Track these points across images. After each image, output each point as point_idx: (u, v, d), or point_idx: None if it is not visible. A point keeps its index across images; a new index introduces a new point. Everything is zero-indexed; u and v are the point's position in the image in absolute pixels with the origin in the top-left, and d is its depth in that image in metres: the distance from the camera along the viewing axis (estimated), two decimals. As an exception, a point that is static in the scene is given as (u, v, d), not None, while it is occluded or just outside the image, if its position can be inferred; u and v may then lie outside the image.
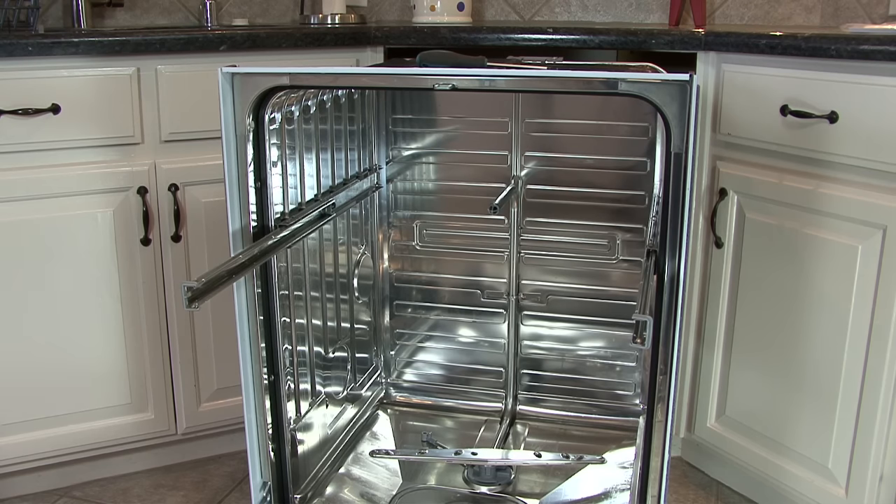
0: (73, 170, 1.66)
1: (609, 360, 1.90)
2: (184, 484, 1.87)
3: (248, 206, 1.34)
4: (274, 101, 1.33)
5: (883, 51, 1.37)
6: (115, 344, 1.75)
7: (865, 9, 2.03)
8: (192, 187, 1.74)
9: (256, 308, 1.39)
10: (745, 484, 1.80)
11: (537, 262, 1.88)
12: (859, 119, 1.43)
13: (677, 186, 1.21)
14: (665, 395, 1.29)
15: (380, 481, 1.71)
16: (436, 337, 1.99)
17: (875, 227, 1.43)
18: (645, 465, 1.35)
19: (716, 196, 1.69)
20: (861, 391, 1.49)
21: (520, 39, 1.77)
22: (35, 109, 1.58)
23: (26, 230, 1.64)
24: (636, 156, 1.76)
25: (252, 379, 1.42)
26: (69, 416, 1.76)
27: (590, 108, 1.77)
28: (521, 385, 1.95)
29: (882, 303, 1.43)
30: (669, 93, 1.17)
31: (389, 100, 1.86)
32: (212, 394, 1.87)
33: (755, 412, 1.69)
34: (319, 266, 1.64)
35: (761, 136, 1.59)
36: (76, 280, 1.69)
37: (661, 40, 1.69)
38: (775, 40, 1.52)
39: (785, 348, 1.61)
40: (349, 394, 1.83)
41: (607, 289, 1.85)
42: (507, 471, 1.70)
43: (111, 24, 2.22)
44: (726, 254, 1.69)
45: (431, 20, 2.16)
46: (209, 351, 1.84)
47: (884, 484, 1.49)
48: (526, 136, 1.82)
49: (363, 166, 1.81)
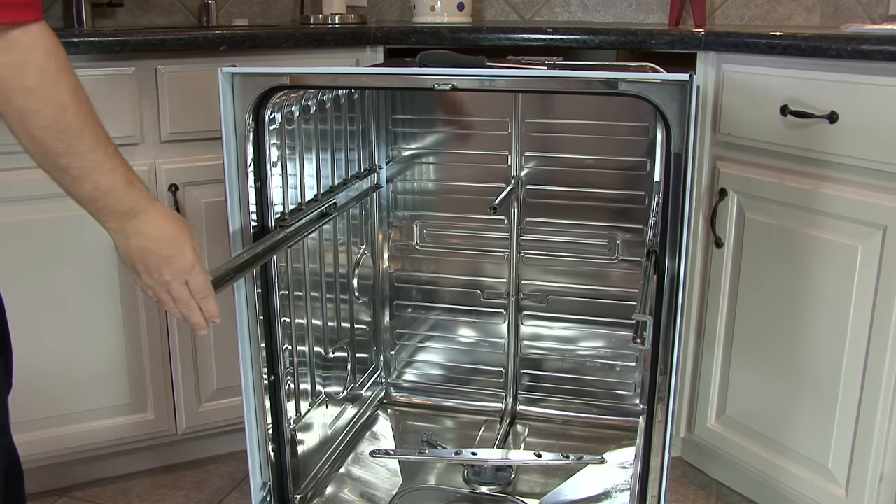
0: (73, 170, 1.65)
1: (609, 360, 1.90)
2: (184, 484, 1.87)
3: (248, 206, 1.34)
4: (274, 101, 1.33)
5: (883, 51, 1.37)
6: (115, 344, 1.75)
7: (865, 9, 2.03)
8: (192, 187, 1.74)
9: (256, 308, 1.39)
10: (745, 484, 1.80)
11: (537, 262, 1.88)
12: (859, 119, 1.43)
13: (677, 186, 1.21)
14: (665, 395, 1.29)
15: (380, 481, 1.71)
16: (436, 337, 1.99)
17: (875, 227, 1.43)
18: (645, 465, 1.35)
19: (716, 196, 1.69)
20: (861, 391, 1.49)
21: (520, 39, 1.77)
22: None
23: (26, 231, 1.64)
24: (636, 156, 1.76)
25: (252, 379, 1.42)
26: (69, 416, 1.76)
27: (590, 108, 1.77)
28: (521, 385, 1.95)
29: (882, 303, 1.43)
30: (669, 93, 1.17)
31: (389, 100, 1.86)
32: (212, 394, 1.87)
33: (755, 412, 1.69)
34: (319, 266, 1.64)
35: (761, 136, 1.59)
36: (76, 280, 1.69)
37: (661, 40, 1.69)
38: (775, 40, 1.52)
39: (785, 348, 1.61)
40: (349, 394, 1.83)
41: (607, 289, 1.85)
42: (507, 471, 1.70)
43: (111, 24, 2.22)
44: (726, 254, 1.69)
45: (431, 20, 2.16)
46: (209, 351, 1.84)
47: (884, 484, 1.49)
48: (526, 136, 1.82)
49: (363, 166, 1.81)
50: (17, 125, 0.95)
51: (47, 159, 0.99)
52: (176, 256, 1.08)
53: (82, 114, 0.96)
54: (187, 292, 1.10)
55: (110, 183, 1.01)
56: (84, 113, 0.97)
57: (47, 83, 0.93)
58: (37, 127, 0.95)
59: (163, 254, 1.07)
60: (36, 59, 0.91)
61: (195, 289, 1.11)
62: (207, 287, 1.12)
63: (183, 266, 1.09)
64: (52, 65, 0.93)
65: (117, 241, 1.08)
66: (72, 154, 0.97)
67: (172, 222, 1.09)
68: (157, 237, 1.07)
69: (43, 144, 0.96)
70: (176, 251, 1.08)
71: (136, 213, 1.05)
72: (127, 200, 1.03)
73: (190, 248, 1.10)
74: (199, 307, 1.12)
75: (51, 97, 0.93)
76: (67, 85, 0.95)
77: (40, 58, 0.92)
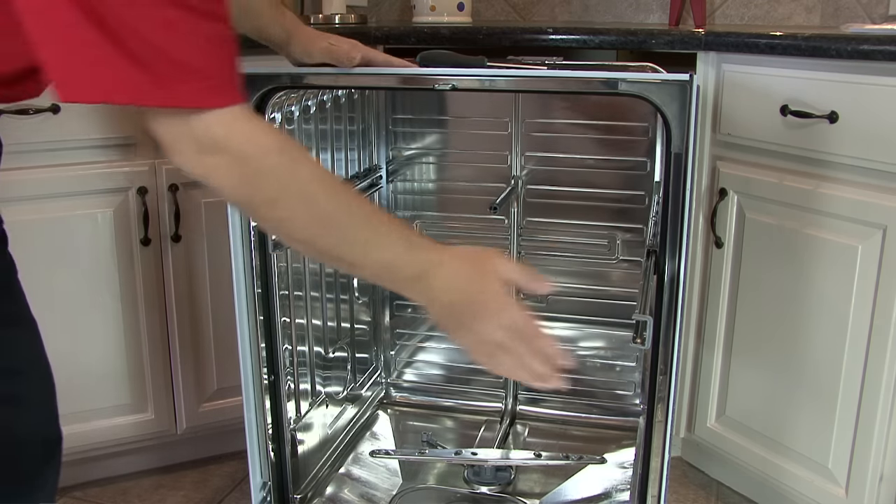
0: (73, 170, 1.66)
1: (609, 360, 1.90)
2: (184, 484, 1.87)
3: (249, 206, 1.34)
4: (274, 100, 1.33)
5: (883, 51, 1.37)
6: (115, 344, 1.75)
7: (865, 9, 2.03)
8: (193, 187, 1.74)
9: (256, 308, 1.39)
10: (745, 484, 1.80)
11: (537, 262, 1.88)
12: (859, 119, 1.43)
13: (677, 186, 1.20)
14: (665, 395, 1.29)
15: (380, 481, 1.70)
16: (436, 337, 1.99)
17: (875, 227, 1.43)
18: (645, 466, 1.35)
19: (716, 196, 1.69)
20: (861, 391, 1.49)
21: (520, 39, 1.77)
22: (35, 109, 1.58)
23: (26, 231, 1.63)
24: (636, 156, 1.76)
25: (252, 379, 1.42)
26: (69, 416, 1.74)
27: (590, 108, 1.77)
28: (521, 385, 1.95)
29: (882, 303, 1.43)
30: (670, 93, 1.16)
31: (389, 100, 1.86)
32: (212, 394, 1.87)
33: (755, 412, 1.69)
34: (319, 266, 1.64)
35: (761, 136, 1.59)
36: (76, 280, 1.69)
37: (661, 40, 1.69)
38: (775, 40, 1.52)
39: (785, 348, 1.61)
40: (349, 394, 1.83)
41: (607, 289, 1.85)
42: (507, 471, 1.70)
43: (111, 24, 2.22)
44: (726, 254, 1.69)
45: (431, 20, 2.16)
46: (209, 351, 1.84)
47: (884, 484, 1.49)
48: (526, 136, 1.82)
49: (363, 166, 1.81)
50: (278, 234, 0.88)
51: (321, 256, 0.93)
52: (484, 308, 0.91)
53: (333, 195, 0.86)
54: (519, 341, 0.92)
55: (389, 257, 0.89)
56: (335, 192, 0.87)
57: (285, 183, 0.83)
58: (297, 232, 0.86)
59: (467, 310, 0.91)
60: (265, 161, 0.81)
61: (528, 335, 0.92)
62: (529, 323, 0.92)
63: (494, 308, 0.91)
64: (283, 160, 0.83)
65: (427, 309, 0.93)
66: (341, 246, 0.87)
67: (469, 264, 0.92)
68: (456, 287, 0.91)
69: (310, 246, 0.88)
70: (480, 301, 0.91)
71: (427, 273, 0.90)
72: (413, 266, 0.90)
73: (496, 282, 0.91)
74: (533, 353, 0.93)
75: (299, 197, 0.83)
76: (306, 173, 0.85)
77: (271, 158, 0.82)
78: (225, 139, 0.79)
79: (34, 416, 1.03)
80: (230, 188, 0.82)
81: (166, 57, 0.75)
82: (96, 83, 0.75)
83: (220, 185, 0.81)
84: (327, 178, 0.89)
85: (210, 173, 0.81)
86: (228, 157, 0.79)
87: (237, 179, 0.81)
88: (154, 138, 0.80)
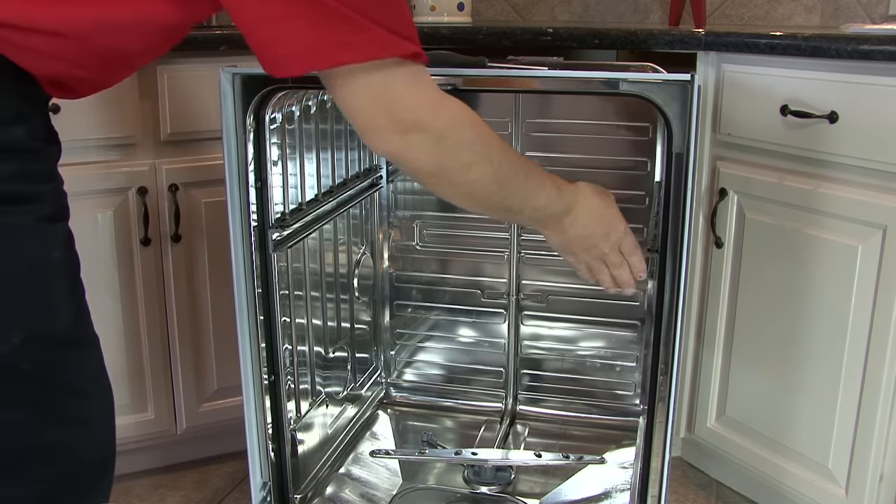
0: (73, 170, 1.65)
1: (609, 360, 1.90)
2: (184, 484, 1.87)
3: (249, 205, 1.34)
4: (274, 100, 1.33)
5: (883, 51, 1.37)
6: (115, 344, 1.75)
7: (865, 9, 2.03)
8: (192, 187, 1.74)
9: (256, 308, 1.39)
10: (745, 484, 1.80)
11: (537, 262, 1.88)
12: (859, 119, 1.43)
13: (678, 186, 1.21)
14: (665, 396, 1.29)
15: (380, 481, 1.71)
16: (436, 337, 1.99)
17: (875, 227, 1.43)
18: (645, 466, 1.35)
19: (716, 196, 1.69)
20: (861, 391, 1.49)
21: (520, 39, 1.77)
22: (35, 109, 1.58)
23: (26, 230, 1.63)
24: (636, 156, 1.76)
25: (252, 379, 1.42)
26: (69, 416, 1.75)
27: (590, 108, 1.77)
28: (521, 385, 1.95)
29: (882, 303, 1.43)
30: (671, 93, 1.17)
31: (389, 100, 1.85)
32: (212, 394, 1.87)
33: (755, 412, 1.69)
34: (319, 266, 1.64)
35: (761, 136, 1.59)
36: (76, 280, 1.69)
37: (661, 40, 1.69)
38: (775, 40, 1.52)
39: (785, 348, 1.61)
40: (349, 394, 1.83)
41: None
42: (507, 471, 1.70)
43: (111, 23, 2.22)
44: (726, 254, 1.69)
45: (431, 20, 2.16)
46: (209, 351, 1.84)
47: (884, 484, 1.49)
48: (526, 136, 1.82)
49: (363, 166, 1.81)
50: (458, 197, 1.00)
51: (488, 209, 1.05)
52: (610, 231, 1.16)
53: (508, 158, 1.00)
54: (620, 256, 1.19)
55: (544, 200, 1.07)
56: (510, 156, 1.01)
57: (479, 151, 0.96)
58: (480, 190, 1.00)
59: (600, 232, 1.15)
60: (464, 134, 0.94)
61: (627, 250, 1.19)
62: (636, 245, 1.20)
63: (617, 236, 1.17)
64: (479, 132, 0.96)
65: (552, 237, 1.15)
66: (510, 197, 1.03)
67: (600, 199, 1.15)
68: (592, 220, 1.14)
69: (485, 202, 1.03)
70: (609, 226, 1.16)
71: (570, 209, 1.11)
72: (561, 204, 1.10)
73: (618, 216, 1.17)
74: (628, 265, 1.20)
75: (486, 161, 0.96)
76: (493, 140, 0.98)
77: (468, 131, 0.95)
78: (431, 120, 0.91)
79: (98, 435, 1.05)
80: (426, 161, 0.94)
81: (378, 22, 0.85)
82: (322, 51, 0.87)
83: (418, 157, 0.93)
84: (503, 142, 1.00)
85: (412, 149, 0.92)
86: (432, 134, 0.91)
87: (437, 153, 0.93)
88: (351, 121, 0.93)
